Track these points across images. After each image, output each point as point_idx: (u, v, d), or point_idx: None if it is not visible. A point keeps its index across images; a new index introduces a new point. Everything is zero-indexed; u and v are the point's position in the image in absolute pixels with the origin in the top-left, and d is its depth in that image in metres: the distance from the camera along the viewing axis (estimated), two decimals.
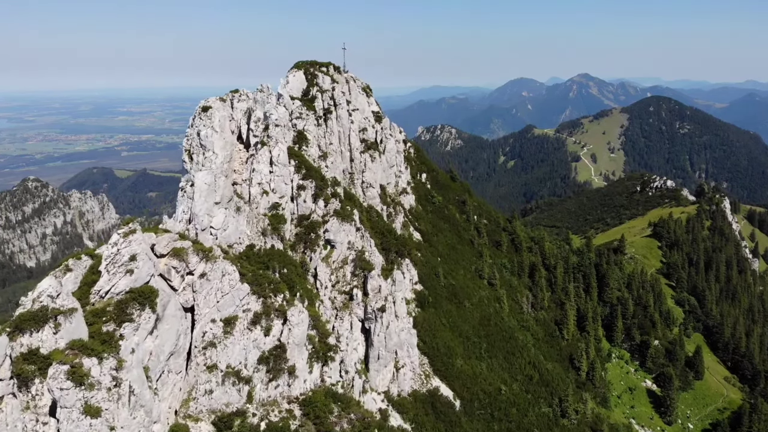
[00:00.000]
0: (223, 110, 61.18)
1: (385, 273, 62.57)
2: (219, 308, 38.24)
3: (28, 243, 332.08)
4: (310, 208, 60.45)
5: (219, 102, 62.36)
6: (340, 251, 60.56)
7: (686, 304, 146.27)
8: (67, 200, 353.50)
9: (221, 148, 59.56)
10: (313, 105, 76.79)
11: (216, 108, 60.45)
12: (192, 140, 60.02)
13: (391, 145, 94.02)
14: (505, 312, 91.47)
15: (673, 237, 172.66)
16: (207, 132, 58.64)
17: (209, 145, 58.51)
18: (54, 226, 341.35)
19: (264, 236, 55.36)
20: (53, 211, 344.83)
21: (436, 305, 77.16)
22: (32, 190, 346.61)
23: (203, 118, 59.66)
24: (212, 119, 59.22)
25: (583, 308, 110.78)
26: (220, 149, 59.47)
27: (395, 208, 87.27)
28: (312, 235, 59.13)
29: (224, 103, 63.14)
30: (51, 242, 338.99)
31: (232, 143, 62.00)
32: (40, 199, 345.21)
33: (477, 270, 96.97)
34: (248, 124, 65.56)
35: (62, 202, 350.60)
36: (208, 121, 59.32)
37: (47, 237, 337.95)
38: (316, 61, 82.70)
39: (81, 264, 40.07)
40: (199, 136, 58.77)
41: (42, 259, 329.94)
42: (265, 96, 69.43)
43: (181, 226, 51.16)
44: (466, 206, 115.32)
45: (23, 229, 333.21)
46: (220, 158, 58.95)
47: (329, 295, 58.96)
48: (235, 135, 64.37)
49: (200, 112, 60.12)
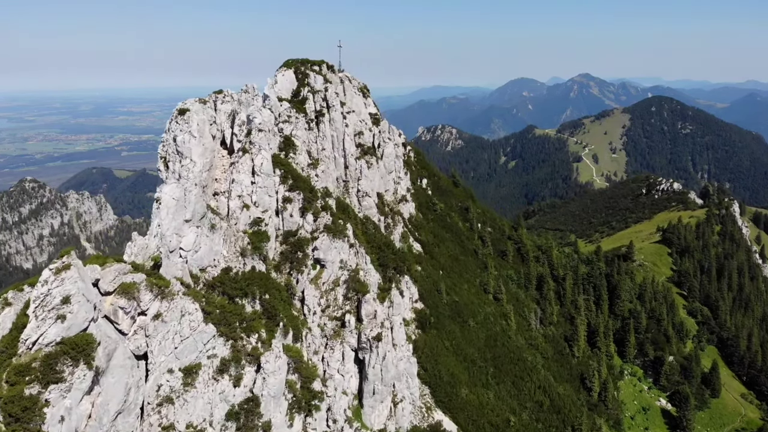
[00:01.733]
0: (203, 113, 54.56)
1: (382, 295, 55.91)
2: (177, 355, 31.62)
3: (25, 244, 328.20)
4: (297, 223, 53.81)
5: (198, 104, 55.76)
6: (330, 271, 53.93)
7: (699, 314, 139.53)
8: (64, 201, 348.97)
9: (200, 155, 53.02)
10: (303, 107, 70.08)
11: (194, 111, 53.86)
12: (168, 146, 53.54)
13: (390, 149, 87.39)
14: (512, 330, 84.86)
15: (683, 243, 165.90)
16: (184, 137, 52.11)
17: (186, 151, 51.97)
18: (51, 228, 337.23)
19: (243, 257, 48.68)
20: (50, 212, 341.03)
21: (439, 326, 70.50)
22: (29, 190, 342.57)
23: (180, 122, 53.18)
24: (190, 123, 52.68)
25: (594, 323, 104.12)
26: (199, 156, 52.93)
27: (394, 218, 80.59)
28: (299, 254, 52.47)
29: (204, 106, 56.54)
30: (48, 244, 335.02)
31: (213, 149, 55.40)
32: (37, 200, 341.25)
33: (482, 283, 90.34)
34: (232, 128, 59.12)
35: (59, 203, 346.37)
36: (185, 125, 52.81)
37: (44, 238, 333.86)
38: (308, 59, 76.01)
39: (23, 297, 33.52)
40: (176, 141, 52.28)
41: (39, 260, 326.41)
42: (250, 97, 62.87)
43: (154, 245, 44.78)
44: (470, 213, 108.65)
45: (20, 230, 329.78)
46: (198, 166, 52.43)
47: (318, 321, 52.32)
48: (218, 140, 57.79)
49: (177, 115, 53.65)
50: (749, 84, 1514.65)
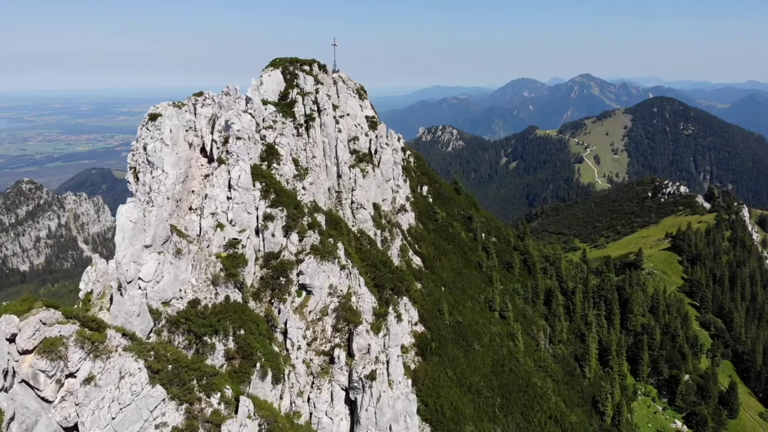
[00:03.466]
0: (177, 118, 48.11)
1: (377, 324, 49.28)
2: (116, 427, 25.09)
3: (22, 246, 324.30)
4: (279, 244, 47.22)
5: (172, 108, 49.34)
6: (318, 298, 47.34)
7: (712, 327, 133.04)
8: (61, 202, 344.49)
9: (173, 166, 46.60)
10: (291, 111, 63.49)
11: (167, 116, 47.47)
12: (137, 156, 47.21)
13: (388, 155, 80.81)
14: (519, 351, 78.31)
15: (694, 250, 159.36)
16: (155, 146, 45.73)
17: (157, 161, 45.57)
18: (48, 229, 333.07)
19: (215, 285, 42.10)
20: (47, 213, 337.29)
21: (441, 351, 63.92)
22: (26, 192, 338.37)
23: (150, 129, 46.84)
24: (161, 130, 46.33)
25: (606, 339, 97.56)
26: (172, 167, 46.51)
27: (391, 231, 73.98)
28: (282, 280, 45.87)
29: (180, 110, 50.11)
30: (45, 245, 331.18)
31: (189, 159, 48.87)
32: (34, 201, 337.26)
33: (487, 300, 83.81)
34: (212, 134, 52.68)
35: (57, 204, 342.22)
36: (156, 132, 46.44)
37: (41, 240, 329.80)
38: (297, 58, 69.38)
39: None
40: (146, 150, 45.90)
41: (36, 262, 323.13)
42: (231, 100, 56.36)
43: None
44: (473, 222, 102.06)
45: (17, 232, 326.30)
46: (171, 178, 46.00)
47: (303, 356, 45.72)
48: (196, 148, 51.29)
49: (147, 120, 47.34)
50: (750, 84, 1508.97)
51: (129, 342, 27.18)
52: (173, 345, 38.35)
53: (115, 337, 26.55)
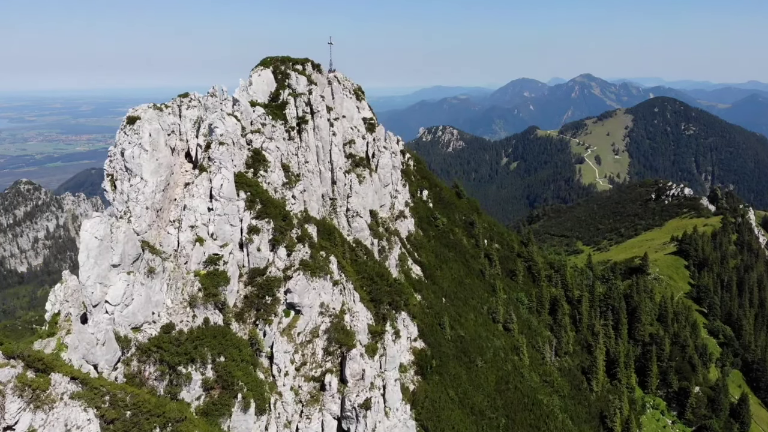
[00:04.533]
0: (157, 121, 44.20)
1: (372, 346, 45.31)
2: None
3: (20, 247, 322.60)
4: (266, 259, 43.19)
5: (152, 111, 45.49)
6: (308, 318, 43.34)
7: (721, 335, 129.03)
8: (59, 203, 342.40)
9: (152, 173, 42.70)
10: (283, 113, 59.49)
11: (146, 119, 43.59)
12: (115, 162, 43.28)
13: (386, 159, 76.81)
14: (524, 366, 74.32)
15: (701, 255, 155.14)
16: (133, 151, 41.88)
17: (135, 168, 41.67)
18: (46, 230, 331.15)
19: (192, 307, 38.13)
20: (45, 214, 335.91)
21: (442, 369, 59.93)
22: (24, 192, 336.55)
23: (128, 133, 43.03)
24: (140, 134, 42.48)
25: (613, 351, 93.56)
26: (151, 174, 42.63)
27: (389, 239, 69.97)
28: (267, 299, 41.87)
29: (161, 113, 46.26)
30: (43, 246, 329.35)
31: (172, 165, 44.96)
32: (32, 202, 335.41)
33: (490, 311, 79.81)
34: (197, 138, 48.82)
35: (55, 205, 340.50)
36: (134, 136, 42.61)
37: (39, 241, 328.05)
38: (289, 57, 65.31)
39: None
40: (123, 156, 41.96)
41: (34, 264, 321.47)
42: (217, 102, 52.38)
43: None
44: (475, 228, 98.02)
45: (14, 233, 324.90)
46: (150, 186, 42.11)
47: (291, 383, 41.73)
48: (180, 153, 47.41)
49: (125, 124, 43.50)
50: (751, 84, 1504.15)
51: (79, 387, 23.18)
52: (144, 375, 34.47)
53: (60, 383, 22.54)
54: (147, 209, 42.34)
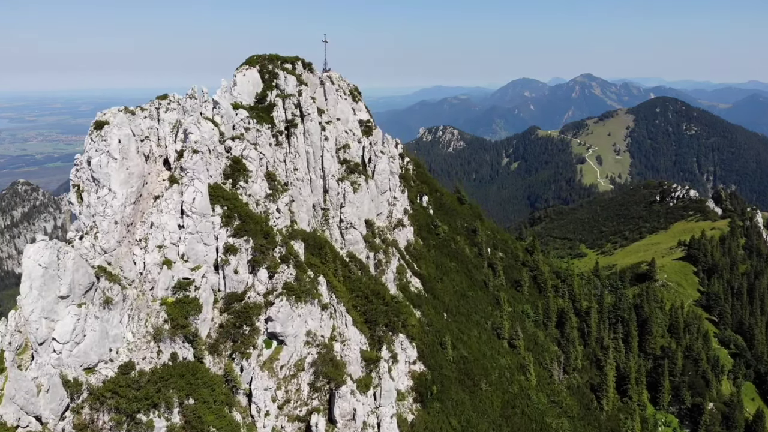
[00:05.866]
0: (128, 126, 39.39)
1: (365, 381, 40.35)
2: None
3: (17, 248, 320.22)
4: (244, 283, 38.23)
5: (123, 114, 40.72)
6: (292, 349, 38.37)
7: (732, 344, 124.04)
8: (57, 204, 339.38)
9: (122, 183, 37.87)
10: (270, 116, 54.53)
11: (116, 124, 38.82)
12: (81, 171, 38.47)
13: (383, 164, 71.81)
14: (531, 386, 69.42)
15: (710, 261, 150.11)
16: (100, 160, 37.09)
17: (103, 179, 36.83)
18: (44, 231, 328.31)
19: (157, 341, 33.19)
20: (43, 215, 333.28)
21: (443, 396, 55.00)
22: (22, 193, 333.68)
23: (95, 140, 38.25)
24: (108, 141, 37.76)
25: (624, 366, 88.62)
26: (120, 185, 37.80)
27: (387, 252, 64.95)
28: (245, 328, 36.92)
29: (132, 117, 41.44)
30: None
31: (144, 174, 40.11)
32: (30, 203, 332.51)
33: (494, 326, 74.89)
34: (176, 143, 43.93)
35: (53, 205, 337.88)
36: (102, 143, 37.87)
37: None
38: (277, 56, 60.31)
39: None
40: (90, 165, 37.13)
41: None
42: (197, 104, 47.42)
43: None
44: (478, 236, 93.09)
45: (12, 234, 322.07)
46: (119, 199, 37.29)
47: (273, 424, 36.75)
48: (159, 160, 42.55)
49: (92, 130, 38.68)
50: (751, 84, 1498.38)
51: None
52: (97, 425, 29.51)
53: None
54: (115, 224, 37.55)
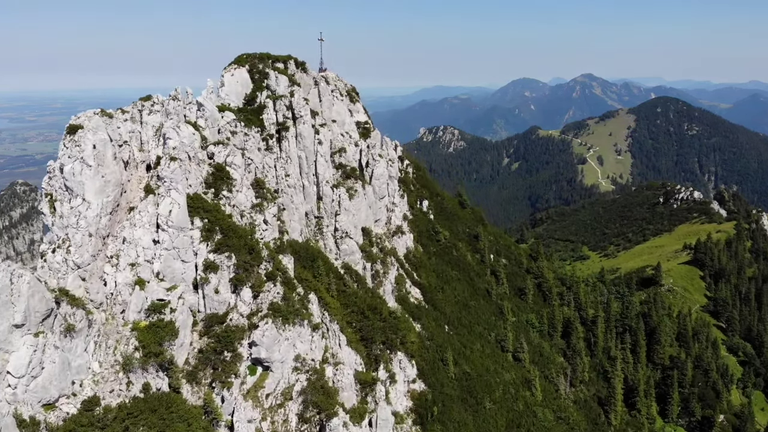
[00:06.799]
0: (104, 130, 36.21)
1: (359, 410, 36.95)
2: None
3: (15, 249, 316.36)
4: (226, 303, 34.81)
5: (98, 118, 37.50)
6: (279, 376, 34.96)
7: (741, 352, 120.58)
8: None
9: (97, 192, 34.56)
10: (259, 118, 51.13)
11: (90, 128, 35.61)
12: (54, 179, 35.23)
13: (381, 169, 68.38)
14: (537, 402, 65.98)
15: (717, 265, 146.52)
16: (73, 167, 33.87)
17: (76, 187, 33.54)
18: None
19: (127, 371, 29.78)
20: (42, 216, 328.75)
21: (444, 416, 51.56)
22: (20, 194, 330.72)
23: (68, 145, 34.97)
24: (82, 147, 34.62)
25: (632, 378, 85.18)
26: (96, 194, 34.51)
27: (385, 261, 61.55)
28: (227, 354, 33.52)
29: (110, 120, 38.24)
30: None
31: (122, 182, 36.85)
32: (28, 203, 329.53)
33: (498, 338, 71.47)
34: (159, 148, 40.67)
35: None
36: (75, 149, 34.67)
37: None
38: (269, 54, 56.88)
39: None
40: (63, 173, 33.86)
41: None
42: (180, 106, 44.02)
43: None
44: (480, 242, 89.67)
45: (10, 235, 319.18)
46: (94, 209, 34.03)
47: None
48: (141, 166, 39.31)
49: (66, 134, 35.51)
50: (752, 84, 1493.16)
51: None
52: None
53: None
54: (90, 236, 34.25)
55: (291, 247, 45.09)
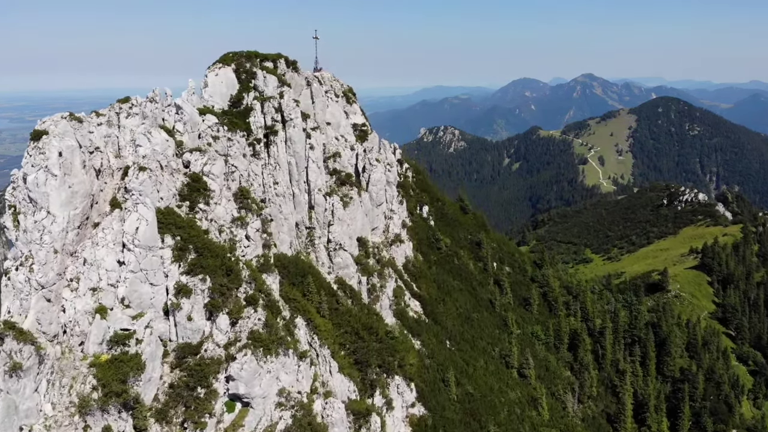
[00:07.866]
0: (72, 136, 32.42)
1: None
2: None
3: None
4: (200, 332, 30.97)
5: (66, 122, 33.65)
6: (260, 413, 31.10)
7: (751, 361, 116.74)
8: None
9: (63, 205, 30.75)
10: (246, 122, 47.27)
11: (56, 134, 31.82)
12: (18, 190, 31.39)
13: (379, 174, 64.47)
14: (544, 422, 62.19)
15: (725, 270, 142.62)
16: (37, 176, 29.96)
17: (41, 199, 29.73)
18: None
19: (84, 414, 25.93)
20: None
21: None
22: None
23: (32, 152, 31.06)
24: (47, 154, 30.61)
25: (642, 392, 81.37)
26: (62, 206, 30.71)
27: (382, 274, 57.67)
28: (200, 390, 29.67)
29: (80, 124, 34.40)
30: None
31: (93, 193, 33.00)
32: None
33: (502, 353, 67.64)
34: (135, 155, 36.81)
35: None
36: (39, 157, 30.66)
37: None
38: (257, 52, 52.99)
39: None
40: (26, 183, 29.99)
41: None
42: (158, 109, 40.20)
43: None
44: (482, 249, 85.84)
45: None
46: (59, 223, 30.28)
47: None
48: (117, 174, 35.50)
49: (30, 141, 31.66)
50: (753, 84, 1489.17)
51: None
52: None
53: None
54: (55, 253, 30.54)
55: (279, 262, 41.30)
